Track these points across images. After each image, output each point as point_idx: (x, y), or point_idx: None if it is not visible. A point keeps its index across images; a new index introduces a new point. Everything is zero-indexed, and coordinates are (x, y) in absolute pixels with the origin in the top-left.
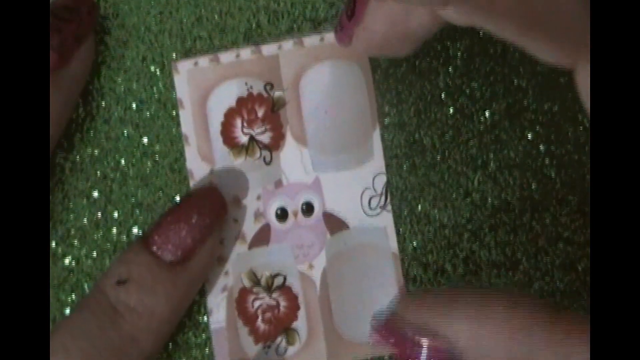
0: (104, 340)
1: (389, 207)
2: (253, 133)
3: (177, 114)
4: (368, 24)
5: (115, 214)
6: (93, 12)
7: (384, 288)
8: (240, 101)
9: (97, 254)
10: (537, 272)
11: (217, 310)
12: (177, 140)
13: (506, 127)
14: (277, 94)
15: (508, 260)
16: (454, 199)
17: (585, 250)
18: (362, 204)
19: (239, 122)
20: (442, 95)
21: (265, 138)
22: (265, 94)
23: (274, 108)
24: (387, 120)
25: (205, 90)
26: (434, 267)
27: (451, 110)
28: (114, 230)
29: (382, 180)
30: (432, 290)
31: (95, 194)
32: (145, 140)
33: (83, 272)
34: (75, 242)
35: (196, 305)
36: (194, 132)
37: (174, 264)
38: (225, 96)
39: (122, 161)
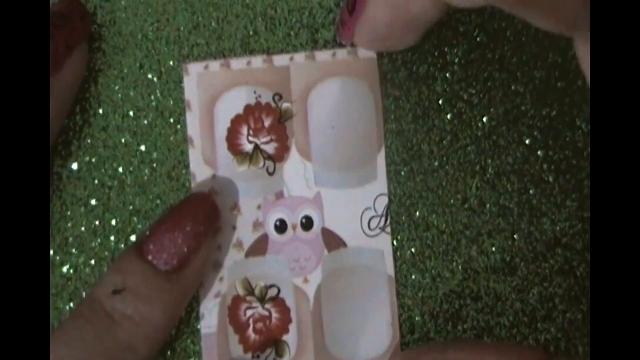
0: (100, 348)
1: (389, 229)
2: (258, 142)
3: (176, 121)
4: (370, 14)
5: (113, 222)
6: (86, 20)
7: (377, 310)
8: (248, 109)
9: (95, 262)
10: (535, 278)
11: (209, 315)
12: (175, 148)
13: (504, 133)
14: (285, 105)
15: (506, 265)
16: (452, 205)
17: (583, 256)
18: (361, 224)
19: (245, 129)
20: (440, 101)
21: (270, 148)
22: (273, 104)
23: (281, 119)
24: (385, 126)
25: (213, 94)
26: (432, 273)
27: (449, 116)
28: (112, 238)
29: (383, 201)
30: (424, 351)
31: (93, 201)
32: (142, 147)
33: (81, 280)
34: (73, 250)
35: (194, 312)
36: (199, 135)
37: (169, 272)
38: (234, 102)
39: (120, 169)
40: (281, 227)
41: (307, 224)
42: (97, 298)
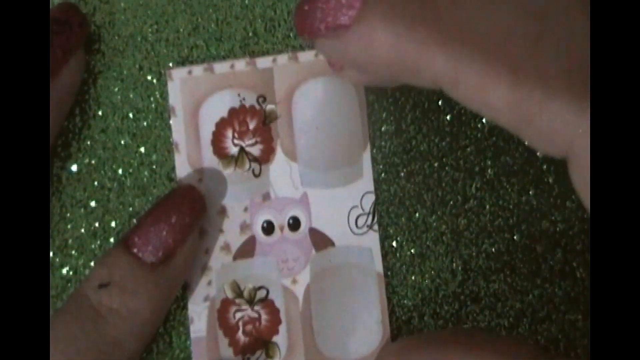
0: (86, 344)
1: (376, 226)
2: (243, 145)
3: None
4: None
5: (113, 224)
6: (83, 26)
7: (367, 308)
8: (232, 112)
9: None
10: (535, 279)
11: (198, 319)
12: (173, 150)
13: (504, 134)
14: (269, 107)
15: (506, 266)
16: (451, 206)
17: (583, 257)
18: (349, 222)
19: (229, 132)
20: (439, 102)
21: (255, 150)
22: (257, 107)
23: (266, 121)
24: (384, 127)
25: (198, 99)
26: (432, 274)
27: (449, 117)
28: (112, 240)
29: (370, 199)
30: (418, 343)
31: (93, 203)
32: (142, 149)
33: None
34: (73, 252)
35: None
36: (184, 140)
37: (155, 264)
38: (218, 106)
39: (120, 171)
40: (268, 228)
41: (295, 224)
42: (84, 293)
